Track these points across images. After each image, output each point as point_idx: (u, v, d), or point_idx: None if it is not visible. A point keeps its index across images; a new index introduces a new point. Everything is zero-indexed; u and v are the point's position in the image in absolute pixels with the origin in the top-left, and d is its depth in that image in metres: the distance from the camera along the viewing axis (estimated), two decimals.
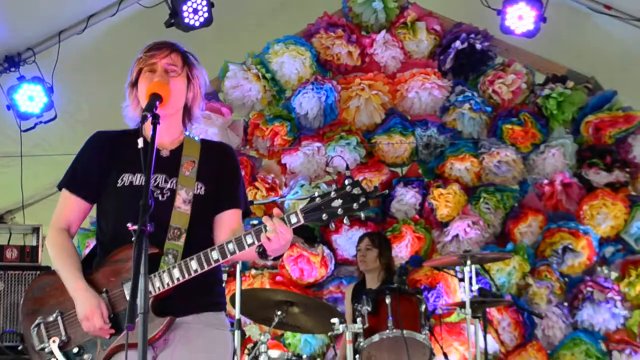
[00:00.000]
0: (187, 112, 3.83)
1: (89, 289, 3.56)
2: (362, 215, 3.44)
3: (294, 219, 3.42)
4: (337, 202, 3.39)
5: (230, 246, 3.47)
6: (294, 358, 6.36)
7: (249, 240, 3.45)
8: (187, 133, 3.88)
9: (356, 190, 3.39)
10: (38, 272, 6.48)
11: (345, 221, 3.44)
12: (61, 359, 3.59)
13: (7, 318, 6.34)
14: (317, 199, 3.42)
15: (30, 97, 7.49)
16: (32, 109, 7.54)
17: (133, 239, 3.05)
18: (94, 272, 3.65)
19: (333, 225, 3.48)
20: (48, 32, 7.42)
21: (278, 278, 8.45)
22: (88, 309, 3.49)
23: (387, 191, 8.00)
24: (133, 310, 2.90)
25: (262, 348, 5.96)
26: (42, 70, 7.47)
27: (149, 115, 3.36)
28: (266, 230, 3.42)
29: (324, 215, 3.40)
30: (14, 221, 8.79)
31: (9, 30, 7.31)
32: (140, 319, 2.96)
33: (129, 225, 3.10)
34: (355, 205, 3.38)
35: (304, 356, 6.37)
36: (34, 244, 6.75)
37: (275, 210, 3.44)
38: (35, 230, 6.86)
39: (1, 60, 7.42)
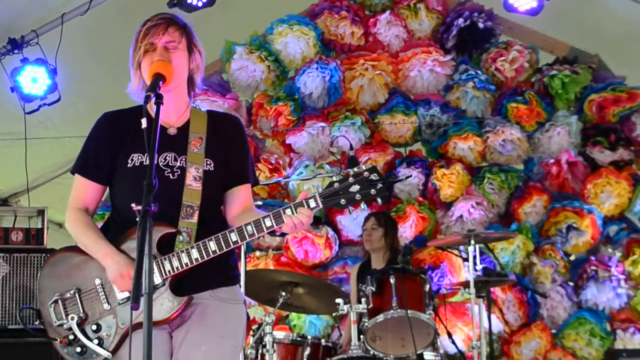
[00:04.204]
0: (190, 82, 3.85)
1: (118, 252, 3.61)
2: (379, 200, 3.52)
3: (312, 204, 3.50)
4: (355, 188, 3.48)
5: (249, 229, 3.52)
6: (299, 339, 6.38)
7: (268, 223, 3.52)
8: (193, 105, 3.91)
9: (374, 176, 3.48)
10: (43, 255, 6.48)
11: (362, 206, 3.52)
12: (79, 336, 3.64)
13: (13, 300, 6.35)
14: (336, 184, 3.50)
15: (33, 79, 7.49)
16: (36, 90, 7.53)
17: (137, 219, 3.06)
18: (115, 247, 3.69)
19: (351, 210, 3.54)
20: (51, 14, 7.41)
21: (283, 259, 8.48)
22: (123, 267, 3.54)
23: (404, 177, 8.00)
24: (138, 290, 2.91)
25: (267, 329, 5.98)
26: (45, 52, 7.46)
27: (152, 96, 3.37)
28: (285, 214, 3.50)
29: (342, 200, 3.49)
30: (19, 204, 8.80)
31: (12, 12, 7.30)
32: (144, 299, 2.98)
33: (132, 205, 3.13)
34: (372, 191, 3.48)
35: (309, 337, 6.39)
36: (39, 226, 6.74)
37: (302, 194, 3.50)
38: (41, 212, 6.85)
39: (4, 43, 7.40)
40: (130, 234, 3.63)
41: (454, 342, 6.98)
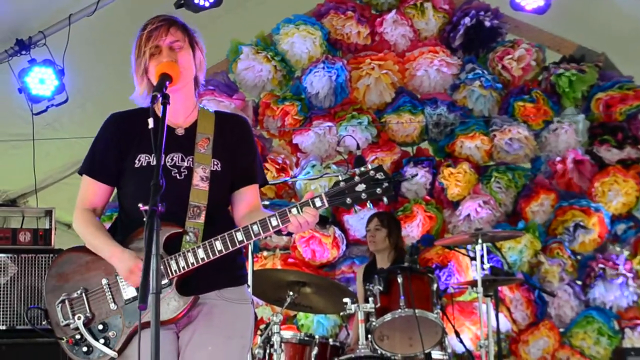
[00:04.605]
0: (195, 81, 3.85)
1: (126, 249, 3.62)
2: (385, 199, 3.52)
3: (318, 203, 3.51)
4: (361, 187, 3.49)
5: (255, 228, 3.53)
6: (306, 338, 6.38)
7: (274, 222, 3.52)
8: (201, 105, 3.91)
9: (379, 175, 3.49)
10: (51, 255, 6.49)
11: (369, 205, 3.53)
12: (86, 335, 3.64)
13: (21, 301, 6.35)
14: (341, 183, 3.51)
15: (41, 80, 7.49)
16: (44, 91, 7.53)
17: (145, 219, 3.07)
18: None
19: (357, 209, 3.54)
20: (58, 15, 7.42)
21: (290, 259, 8.48)
22: (132, 263, 3.54)
23: (410, 176, 8.01)
24: (145, 290, 2.92)
25: (275, 328, 5.98)
26: (52, 53, 7.47)
27: (159, 96, 3.38)
28: (291, 213, 3.50)
29: (348, 199, 3.49)
30: (27, 204, 8.81)
31: (20, 14, 7.31)
32: (151, 299, 2.98)
33: (140, 205, 3.13)
34: (378, 190, 3.48)
35: (317, 336, 6.39)
36: (47, 227, 6.75)
37: (308, 194, 3.51)
38: (48, 213, 6.85)
39: (12, 44, 7.40)
40: (138, 234, 3.64)
41: (461, 341, 6.98)
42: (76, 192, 3.86)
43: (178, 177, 3.67)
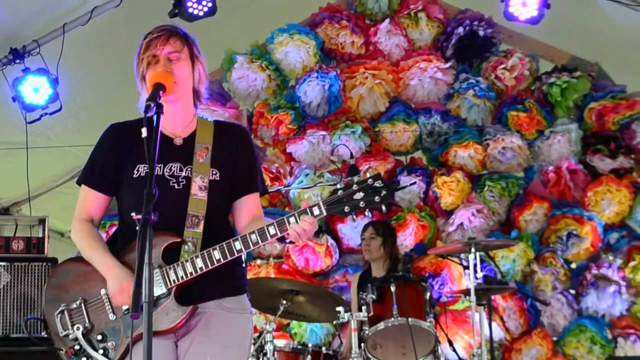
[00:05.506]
0: (195, 92, 3.86)
1: (121, 265, 3.63)
2: (384, 207, 3.51)
3: (316, 212, 3.51)
4: (359, 195, 3.49)
5: (253, 237, 3.54)
6: (299, 347, 6.38)
7: (272, 231, 3.53)
8: (200, 115, 3.92)
9: (377, 184, 3.48)
10: (44, 264, 6.49)
11: (367, 213, 3.53)
12: (85, 346, 3.65)
13: (14, 309, 6.36)
14: (340, 191, 3.51)
15: (35, 89, 7.50)
16: (37, 100, 7.54)
17: (137, 228, 3.07)
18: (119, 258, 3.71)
19: (355, 217, 3.54)
20: (52, 24, 7.43)
21: (284, 267, 8.48)
22: (124, 281, 3.56)
23: (409, 184, 8.03)
24: (138, 299, 2.92)
25: (268, 337, 5.98)
26: (46, 62, 7.48)
27: (152, 105, 3.38)
28: (290, 223, 3.50)
29: (346, 207, 3.50)
30: (20, 213, 8.81)
31: (14, 23, 7.32)
32: (144, 307, 2.99)
33: (132, 214, 3.14)
34: (377, 198, 3.48)
35: (310, 345, 6.38)
36: (40, 235, 6.76)
37: (305, 203, 3.52)
38: (42, 221, 6.86)
39: (6, 52, 7.42)
40: (134, 245, 3.62)
41: (454, 350, 6.99)
42: (70, 201, 3.87)
43: (176, 186, 3.68)
